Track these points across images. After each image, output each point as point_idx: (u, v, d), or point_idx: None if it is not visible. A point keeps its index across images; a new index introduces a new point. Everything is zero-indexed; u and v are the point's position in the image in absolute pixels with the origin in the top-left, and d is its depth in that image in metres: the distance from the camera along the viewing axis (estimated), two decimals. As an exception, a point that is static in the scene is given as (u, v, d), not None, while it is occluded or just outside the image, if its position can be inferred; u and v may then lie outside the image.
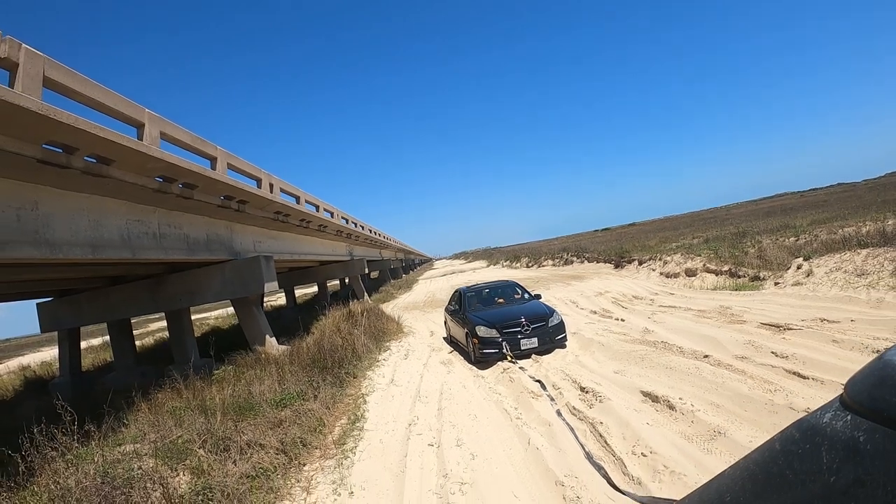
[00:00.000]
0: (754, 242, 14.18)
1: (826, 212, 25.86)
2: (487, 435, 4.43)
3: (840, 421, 0.50)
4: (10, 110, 5.12)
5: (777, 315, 7.25)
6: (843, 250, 9.22)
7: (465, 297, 9.20)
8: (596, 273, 20.40)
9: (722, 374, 4.95)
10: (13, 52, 5.33)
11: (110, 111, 6.84)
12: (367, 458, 4.21)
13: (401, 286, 32.95)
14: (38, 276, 10.35)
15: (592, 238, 56.86)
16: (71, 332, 14.99)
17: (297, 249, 16.94)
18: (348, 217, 21.45)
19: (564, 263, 28.72)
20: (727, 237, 18.49)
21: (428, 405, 5.55)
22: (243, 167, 10.46)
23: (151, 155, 7.23)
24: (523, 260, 39.10)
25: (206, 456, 4.25)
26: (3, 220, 6.21)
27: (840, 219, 17.56)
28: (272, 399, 5.42)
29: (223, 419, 4.72)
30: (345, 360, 7.22)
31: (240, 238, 12.21)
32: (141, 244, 8.56)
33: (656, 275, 14.82)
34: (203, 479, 3.89)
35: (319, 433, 4.81)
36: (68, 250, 7.10)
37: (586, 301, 12.24)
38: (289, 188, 13.25)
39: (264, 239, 13.86)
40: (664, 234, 33.72)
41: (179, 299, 12.15)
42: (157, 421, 5.20)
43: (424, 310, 17.18)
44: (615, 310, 10.30)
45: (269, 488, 3.71)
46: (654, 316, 8.74)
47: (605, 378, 5.54)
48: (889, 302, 6.83)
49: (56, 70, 5.86)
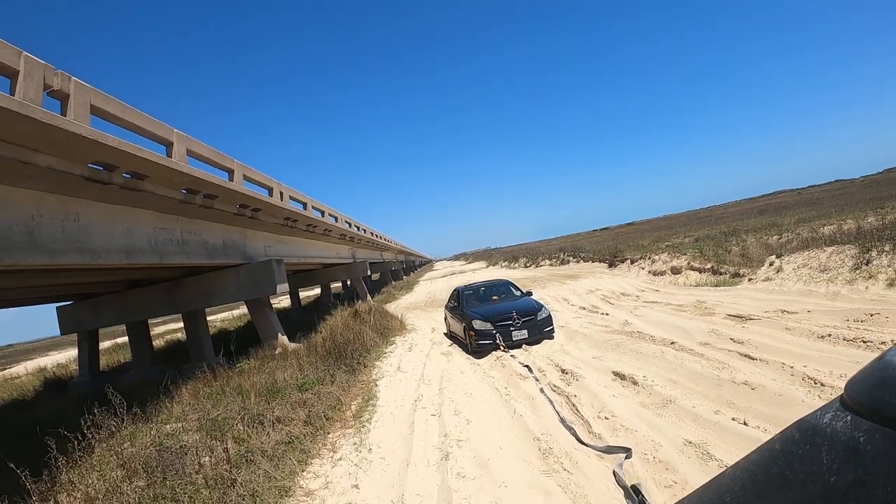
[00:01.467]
0: (739, 241, 14.96)
1: (815, 210, 26.62)
2: (481, 407, 5.26)
3: (840, 421, 0.50)
4: (65, 136, 5.94)
5: (744, 307, 8.06)
6: (812, 248, 10.02)
7: (463, 294, 10.07)
8: (590, 272, 21.18)
9: (683, 357, 5.76)
10: (64, 84, 6.15)
11: (143, 132, 7.66)
12: (380, 426, 5.05)
13: (402, 287, 33.76)
14: (70, 281, 11.16)
15: (590, 238, 57.63)
16: (90, 334, 15.75)
17: (303, 253, 17.74)
18: (351, 221, 22.26)
19: (561, 263, 29.52)
20: (716, 236, 19.28)
21: (430, 386, 6.41)
22: (257, 177, 11.28)
23: (179, 170, 8.05)
24: (521, 260, 39.94)
25: (244, 429, 5.06)
26: (51, 232, 7.03)
27: (826, 217, 18.30)
28: (295, 384, 6.24)
29: (256, 400, 5.53)
30: (356, 352, 8.06)
31: (252, 243, 13.03)
32: (167, 250, 9.38)
33: (645, 273, 15.63)
34: (244, 445, 4.70)
35: (338, 410, 5.64)
36: (106, 256, 7.92)
37: (577, 298, 13.06)
38: (297, 195, 14.06)
39: (274, 243, 14.67)
40: (659, 233, 34.50)
41: (196, 301, 12.93)
42: (196, 404, 6.01)
43: (425, 309, 17.97)
44: (602, 305, 11.12)
45: (302, 450, 4.52)
46: (636, 311, 9.56)
47: (584, 362, 6.37)
48: (844, 294, 7.64)
49: (100, 98, 6.68)
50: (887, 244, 8.18)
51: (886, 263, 7.82)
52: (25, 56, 5.51)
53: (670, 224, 52.35)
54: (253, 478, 3.89)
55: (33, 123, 5.43)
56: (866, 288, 7.44)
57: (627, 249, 22.50)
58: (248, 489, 3.74)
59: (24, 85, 5.48)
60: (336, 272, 25.87)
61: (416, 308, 18.69)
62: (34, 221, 6.87)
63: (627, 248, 22.99)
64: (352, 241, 23.87)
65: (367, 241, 27.49)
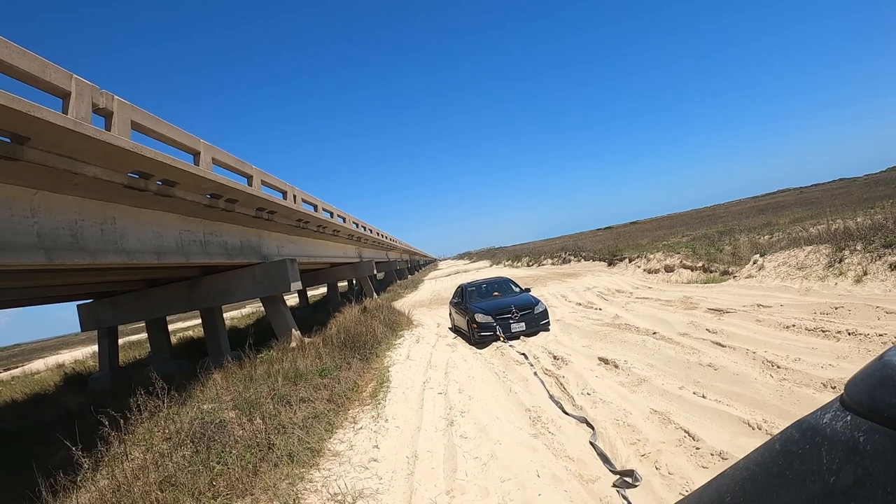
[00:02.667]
0: (732, 241, 15.60)
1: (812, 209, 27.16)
2: (481, 387, 6.00)
3: (840, 421, 0.50)
4: (110, 149, 6.68)
5: (724, 302, 8.74)
6: (793, 247, 10.68)
7: (467, 291, 10.85)
8: (590, 271, 21.83)
9: (661, 345, 6.46)
10: (109, 102, 6.91)
11: (174, 143, 8.41)
12: (394, 403, 5.79)
13: (407, 286, 34.51)
14: (98, 280, 11.95)
15: (593, 237, 58.16)
16: (110, 331, 16.49)
17: (313, 252, 18.50)
18: (358, 221, 23.00)
19: (562, 262, 30.18)
20: (712, 235, 19.92)
21: (437, 371, 7.15)
22: (273, 182, 12.03)
23: (206, 177, 8.79)
24: (524, 259, 40.63)
25: (274, 407, 5.79)
26: (92, 234, 7.80)
27: (819, 217, 18.87)
28: (315, 370, 6.97)
29: (283, 383, 6.27)
30: (368, 343, 8.81)
31: (267, 243, 13.79)
32: (191, 250, 10.14)
33: (640, 271, 16.30)
34: (276, 420, 5.43)
35: (356, 391, 6.39)
36: (140, 256, 8.68)
37: (575, 295, 13.76)
38: (308, 198, 14.81)
39: (286, 244, 15.43)
40: (660, 232, 35.09)
41: (213, 298, 13.69)
42: (228, 388, 6.76)
43: (430, 307, 18.69)
44: (597, 301, 11.82)
45: (327, 422, 5.24)
46: (627, 306, 10.26)
47: (574, 350, 7.09)
48: (815, 290, 8.32)
49: (138, 114, 7.44)
50: (859, 243, 8.83)
51: (857, 262, 8.47)
52: (76, 79, 6.26)
53: (672, 223, 52.86)
54: (288, 443, 4.62)
55: (85, 139, 6.17)
56: (836, 284, 8.12)
57: (626, 249, 23.10)
58: (284, 451, 4.47)
59: (76, 105, 6.22)
60: (343, 271, 26.62)
61: (422, 306, 19.42)
62: (77, 225, 7.63)
63: (626, 248, 23.59)
64: (359, 241, 24.60)
65: (374, 241, 28.23)
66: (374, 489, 3.66)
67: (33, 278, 10.46)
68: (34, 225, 6.86)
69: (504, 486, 3.43)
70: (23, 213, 6.75)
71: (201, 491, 4.24)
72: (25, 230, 6.72)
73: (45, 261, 6.88)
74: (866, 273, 7.97)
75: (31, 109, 5.27)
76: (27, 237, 6.71)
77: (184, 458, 5.14)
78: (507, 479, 3.51)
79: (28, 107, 5.23)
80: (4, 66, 5.22)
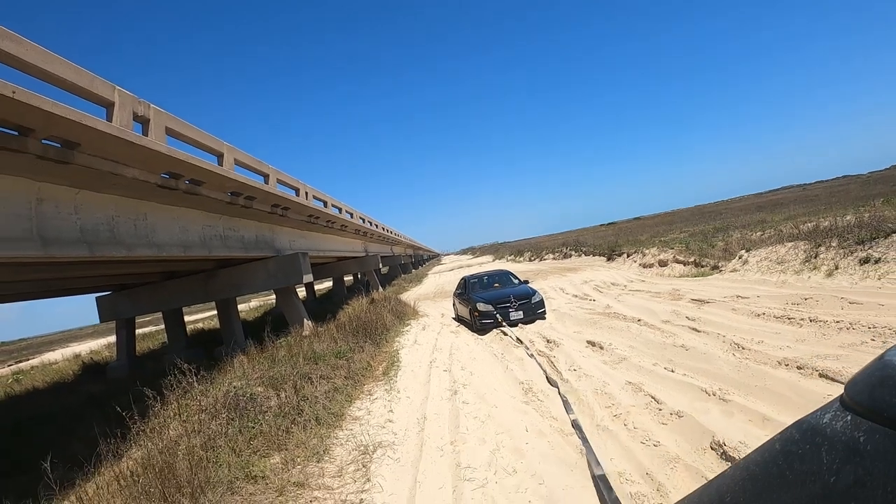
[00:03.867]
0: (725, 237, 16.27)
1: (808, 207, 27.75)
2: (481, 366, 6.77)
3: (840, 421, 0.50)
4: (149, 153, 7.42)
5: (708, 294, 9.44)
6: (776, 244, 11.36)
7: (470, 282, 11.65)
8: (589, 265, 22.53)
9: (643, 330, 7.19)
10: (146, 110, 7.64)
11: (201, 145, 9.14)
12: (404, 379, 6.57)
13: (411, 280, 35.30)
14: (122, 272, 12.74)
15: (595, 233, 58.74)
16: (128, 321, 17.22)
17: (322, 246, 19.27)
18: (365, 217, 23.73)
19: (563, 257, 30.86)
20: (709, 231, 20.60)
21: (442, 353, 7.94)
22: (287, 180, 12.77)
23: (229, 177, 9.53)
24: (526, 254, 41.34)
25: (298, 383, 6.56)
26: (126, 229, 8.55)
27: (813, 214, 19.49)
28: (332, 353, 7.74)
29: (304, 363, 7.04)
30: (378, 330, 9.59)
31: (279, 238, 14.55)
32: (213, 244, 10.90)
33: (637, 266, 16.99)
34: (300, 393, 6.19)
35: (370, 370, 7.17)
36: (169, 249, 9.44)
37: (572, 287, 14.50)
38: (319, 195, 15.56)
39: (297, 238, 16.20)
40: (660, 228, 35.75)
41: (229, 290, 14.44)
42: (253, 367, 7.52)
43: (435, 300, 19.45)
44: (593, 293, 12.55)
45: (346, 395, 6.01)
46: (619, 297, 10.99)
47: (566, 335, 7.84)
48: (790, 283, 9.01)
49: (171, 120, 8.17)
50: (835, 240, 9.51)
51: (830, 257, 9.15)
52: (119, 90, 7.00)
53: (673, 219, 53.47)
54: (314, 409, 5.38)
55: (128, 144, 6.91)
56: (809, 277, 8.81)
57: (625, 244, 23.75)
58: (311, 416, 5.23)
59: (119, 114, 6.96)
60: (349, 265, 27.37)
61: (426, 299, 20.18)
62: (113, 221, 8.39)
63: (626, 243, 24.25)
64: (365, 235, 25.33)
65: (379, 236, 28.97)
66: (391, 442, 4.42)
67: (64, 270, 11.23)
68: (77, 221, 7.61)
69: (498, 437, 4.18)
70: (67, 211, 7.51)
71: (241, 449, 5.00)
72: (70, 226, 7.48)
73: (88, 253, 7.64)
74: (837, 267, 8.65)
75: (83, 119, 6.02)
76: (72, 232, 7.46)
77: (220, 425, 5.91)
78: (501, 433, 4.26)
79: (81, 116, 5.98)
80: (57, 79, 5.95)
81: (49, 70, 5.57)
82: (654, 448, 3.69)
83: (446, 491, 3.43)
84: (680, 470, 3.37)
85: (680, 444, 3.70)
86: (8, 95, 4.83)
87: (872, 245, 8.66)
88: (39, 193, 6.92)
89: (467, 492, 3.34)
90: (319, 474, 3.91)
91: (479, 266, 41.84)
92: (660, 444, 3.72)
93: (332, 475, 3.89)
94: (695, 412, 4.13)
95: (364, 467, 3.94)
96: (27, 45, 5.29)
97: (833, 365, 4.66)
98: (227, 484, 3.97)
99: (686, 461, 3.44)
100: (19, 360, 33.75)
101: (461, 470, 3.65)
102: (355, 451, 4.30)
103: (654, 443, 3.76)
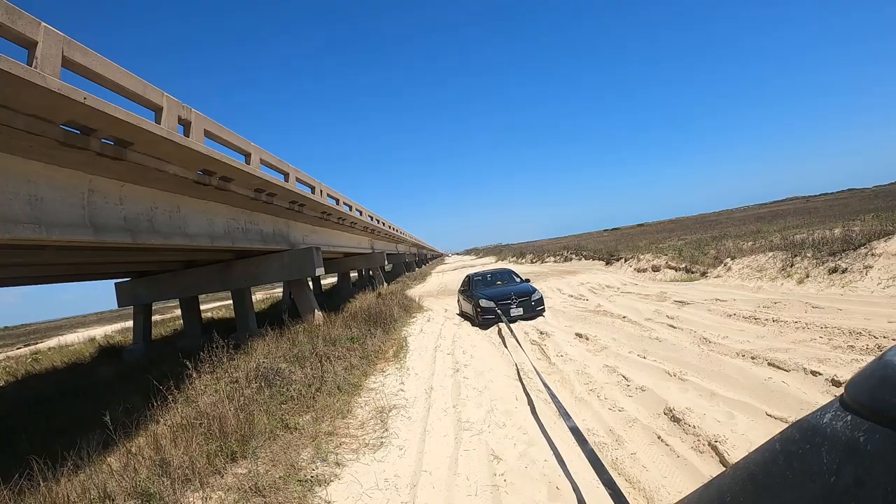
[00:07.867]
0: (718, 245, 17.08)
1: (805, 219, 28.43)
2: (481, 352, 7.68)
3: (840, 421, 0.51)
4: (190, 153, 8.30)
5: (691, 296, 10.28)
6: (757, 253, 12.20)
7: (473, 280, 12.54)
8: (588, 269, 23.36)
9: (626, 325, 8.07)
10: (188, 114, 8.51)
11: (231, 146, 10.03)
12: (412, 360, 7.48)
13: (415, 278, 36.20)
14: (149, 259, 13.65)
15: (597, 238, 59.45)
16: (146, 307, 18.06)
17: (332, 242, 20.16)
18: (373, 214, 24.60)
19: (564, 260, 31.73)
20: (705, 240, 21.41)
21: (446, 341, 8.87)
22: (304, 178, 13.67)
23: (255, 175, 10.43)
24: (528, 256, 42.25)
25: (318, 360, 7.44)
26: (163, 220, 9.45)
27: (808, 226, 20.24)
28: (346, 337, 8.63)
29: (322, 344, 7.93)
30: (387, 319, 10.48)
31: (294, 233, 15.45)
32: (236, 236, 11.81)
33: (632, 270, 17.84)
34: (321, 369, 7.08)
35: (381, 352, 8.08)
36: (199, 240, 10.34)
37: (569, 288, 15.36)
38: (332, 192, 16.45)
39: (310, 233, 17.10)
40: (660, 235, 36.50)
41: (245, 280, 15.32)
42: (276, 347, 8.41)
43: (438, 297, 20.33)
44: (587, 294, 13.42)
45: (362, 371, 6.91)
46: (611, 298, 11.86)
47: (558, 329, 8.72)
48: (765, 288, 9.85)
49: (208, 123, 9.06)
50: (809, 251, 10.35)
51: (804, 266, 9.99)
52: (167, 96, 7.90)
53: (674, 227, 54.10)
54: (335, 380, 6.26)
55: (174, 145, 7.79)
56: (782, 284, 9.65)
57: (624, 249, 24.57)
58: (333, 385, 6.12)
59: (167, 118, 7.86)
60: (355, 261, 28.19)
61: (430, 296, 21.07)
62: (152, 211, 9.29)
63: (624, 249, 25.06)
64: (372, 233, 26.18)
65: (385, 234, 29.82)
66: (403, 405, 5.31)
67: (103, 255, 12.13)
68: (122, 211, 8.52)
69: (493, 403, 5.07)
70: (114, 201, 8.42)
71: (273, 411, 5.88)
72: (116, 215, 8.38)
73: (131, 240, 8.55)
74: (808, 276, 9.49)
75: (140, 122, 6.93)
76: (117, 220, 8.36)
77: (252, 392, 6.79)
78: (496, 400, 5.15)
79: (138, 120, 6.89)
80: (116, 85, 6.83)
81: (109, 77, 6.41)
82: (618, 412, 4.56)
83: (449, 438, 4.31)
84: (637, 428, 4.23)
85: (640, 410, 4.57)
86: (80, 101, 5.72)
87: (842, 256, 9.49)
88: (91, 185, 7.82)
89: (466, 438, 4.22)
90: (345, 427, 4.80)
91: (482, 266, 42.72)
92: (623, 409, 4.59)
93: (356, 427, 4.78)
94: (656, 388, 4.99)
95: (382, 422, 4.83)
96: (93, 55, 6.15)
97: (781, 356, 5.49)
98: (268, 433, 4.85)
99: (643, 422, 4.30)
100: (28, 343, 34.61)
101: (462, 423, 4.54)
102: (374, 411, 5.20)
103: (619, 409, 4.63)
